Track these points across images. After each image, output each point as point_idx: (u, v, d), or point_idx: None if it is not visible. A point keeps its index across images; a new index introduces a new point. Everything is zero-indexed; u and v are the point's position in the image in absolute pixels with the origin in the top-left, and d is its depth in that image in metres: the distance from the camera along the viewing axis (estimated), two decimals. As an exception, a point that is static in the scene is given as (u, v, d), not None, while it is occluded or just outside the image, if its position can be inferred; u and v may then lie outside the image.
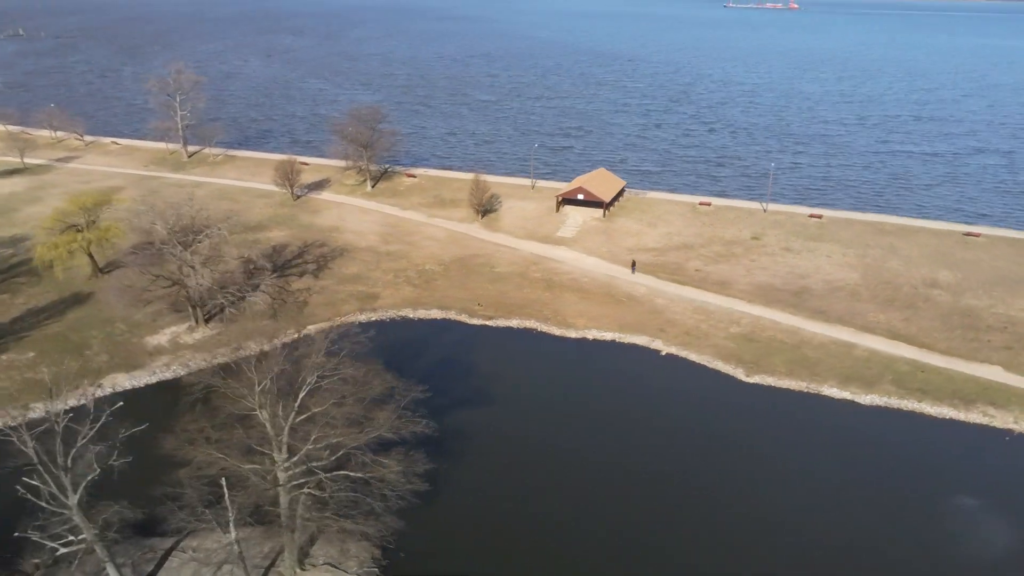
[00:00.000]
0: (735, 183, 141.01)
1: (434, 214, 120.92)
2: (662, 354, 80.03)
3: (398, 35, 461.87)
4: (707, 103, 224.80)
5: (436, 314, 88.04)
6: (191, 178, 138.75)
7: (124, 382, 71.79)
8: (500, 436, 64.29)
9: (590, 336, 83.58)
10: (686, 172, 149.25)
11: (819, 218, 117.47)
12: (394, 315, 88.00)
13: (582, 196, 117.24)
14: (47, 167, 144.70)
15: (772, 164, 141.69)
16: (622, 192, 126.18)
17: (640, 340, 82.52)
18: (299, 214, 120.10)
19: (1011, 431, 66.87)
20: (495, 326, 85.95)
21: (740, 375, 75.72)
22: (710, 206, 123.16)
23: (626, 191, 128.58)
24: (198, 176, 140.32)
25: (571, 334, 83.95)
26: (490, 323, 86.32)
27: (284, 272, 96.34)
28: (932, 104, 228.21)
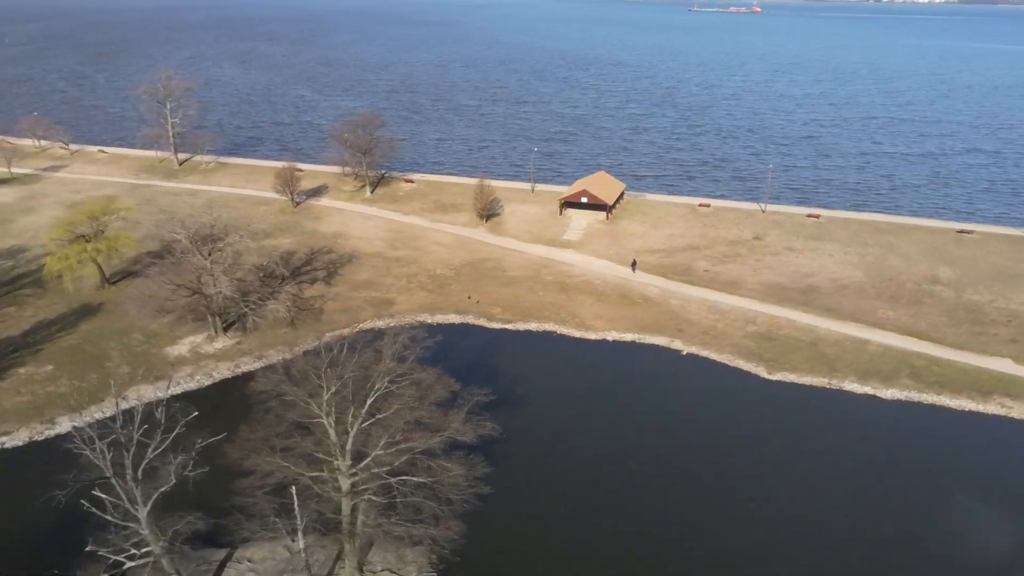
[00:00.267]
0: (729, 185, 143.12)
1: (437, 219, 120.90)
2: (683, 354, 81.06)
3: (373, 41, 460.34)
4: (690, 106, 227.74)
5: (454, 318, 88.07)
6: (185, 186, 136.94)
7: (149, 393, 70.48)
8: (541, 439, 64.55)
9: (610, 338, 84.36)
10: (679, 175, 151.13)
11: (817, 218, 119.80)
12: (411, 320, 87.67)
13: (586, 199, 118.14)
14: (34, 176, 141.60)
15: (770, 165, 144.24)
16: (622, 195, 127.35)
17: (660, 341, 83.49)
18: (301, 221, 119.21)
19: (1030, 421, 69.05)
20: (514, 329, 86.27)
21: (762, 372, 77.03)
22: (709, 207, 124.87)
23: (625, 194, 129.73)
24: (191, 184, 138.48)
25: (591, 336, 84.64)
26: (509, 326, 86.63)
27: (295, 280, 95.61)
28: (910, 106, 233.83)
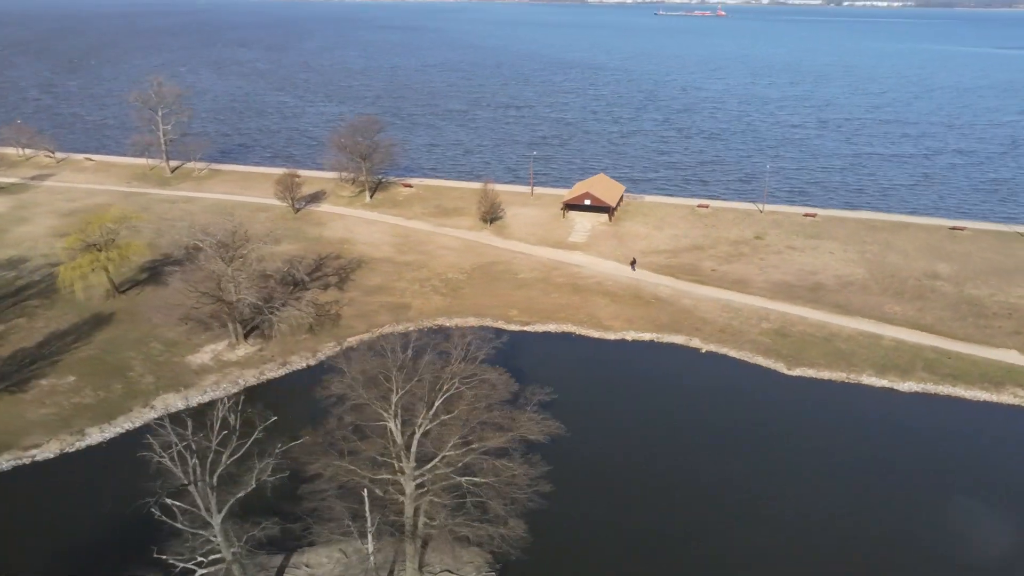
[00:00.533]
0: (723, 186, 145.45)
1: (440, 223, 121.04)
2: (702, 352, 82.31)
3: (347, 46, 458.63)
4: (673, 109, 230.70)
5: (472, 321, 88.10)
6: (180, 193, 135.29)
7: (176, 403, 69.91)
8: (583, 439, 64.43)
9: (628, 337, 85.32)
10: (673, 177, 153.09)
11: (814, 217, 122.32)
12: (429, 324, 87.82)
13: (589, 201, 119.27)
14: (22, 186, 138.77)
15: (767, 166, 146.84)
16: (622, 197, 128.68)
17: (678, 339, 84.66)
18: (304, 227, 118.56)
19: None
20: (533, 331, 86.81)
21: (782, 368, 78.54)
22: (708, 208, 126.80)
23: (624, 196, 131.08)
24: (186, 191, 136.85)
25: (610, 336, 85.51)
26: (527, 328, 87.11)
27: (307, 286, 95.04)
28: (887, 107, 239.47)
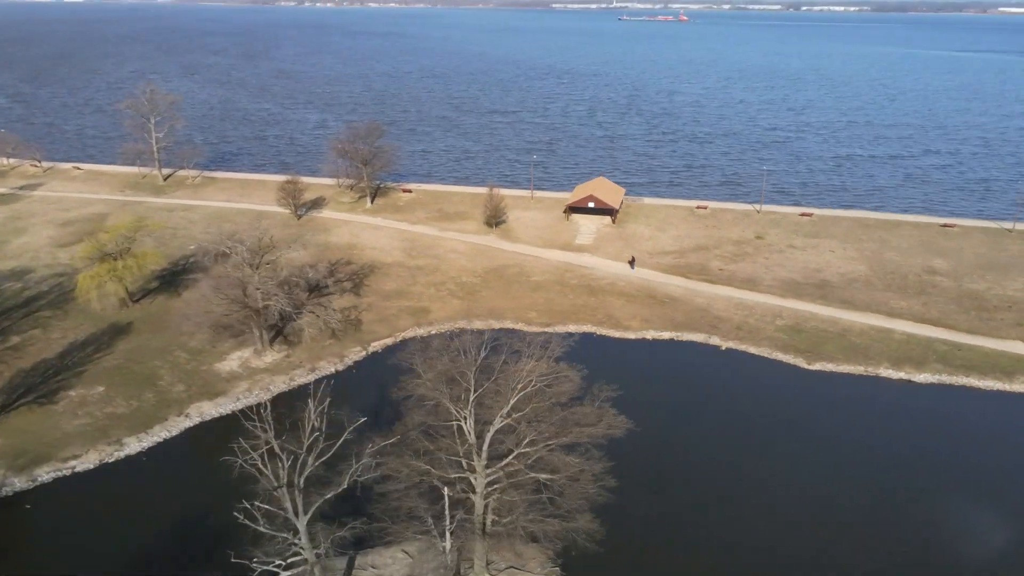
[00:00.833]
0: (714, 188, 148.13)
1: (445, 228, 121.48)
2: (722, 349, 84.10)
3: (321, 53, 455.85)
4: (656, 113, 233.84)
5: (492, 324, 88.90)
6: (177, 201, 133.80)
7: (211, 410, 69.54)
8: (632, 436, 64.56)
9: (648, 336, 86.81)
10: (665, 179, 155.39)
11: (810, 216, 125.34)
12: (451, 327, 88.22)
13: (593, 204, 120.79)
14: (12, 196, 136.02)
15: (764, 168, 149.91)
16: (622, 199, 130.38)
17: (697, 337, 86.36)
18: (309, 233, 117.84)
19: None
20: (553, 332, 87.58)
21: (802, 363, 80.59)
22: (707, 209, 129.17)
23: (624, 198, 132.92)
24: (182, 199, 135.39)
25: (630, 335, 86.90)
26: (548, 329, 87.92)
27: (324, 291, 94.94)
28: (863, 110, 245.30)
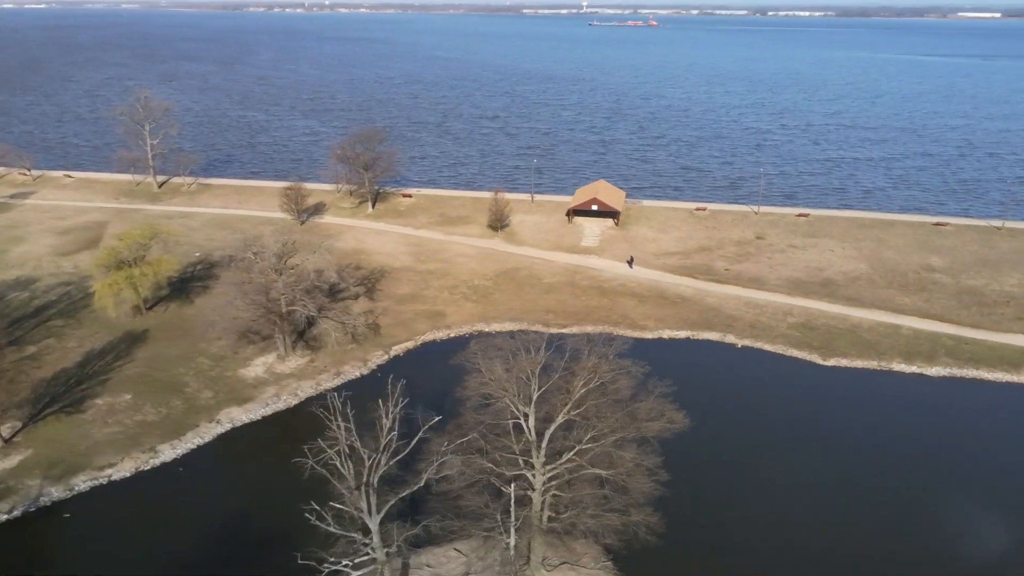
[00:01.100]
0: (709, 190, 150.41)
1: (449, 232, 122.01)
2: (738, 347, 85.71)
3: (299, 59, 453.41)
4: (641, 117, 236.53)
5: (510, 326, 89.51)
6: (175, 208, 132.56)
7: (241, 416, 69.30)
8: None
9: (665, 336, 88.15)
10: (659, 183, 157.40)
11: (807, 216, 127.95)
12: (469, 330, 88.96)
13: (596, 207, 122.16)
14: (5, 205, 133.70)
15: (761, 169, 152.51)
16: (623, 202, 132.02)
17: (712, 336, 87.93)
18: (313, 239, 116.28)
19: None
20: (571, 333, 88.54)
21: (817, 359, 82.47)
22: (706, 211, 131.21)
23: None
24: (180, 206, 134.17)
25: (647, 335, 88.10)
26: (565, 331, 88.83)
27: (338, 297, 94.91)
28: (844, 113, 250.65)
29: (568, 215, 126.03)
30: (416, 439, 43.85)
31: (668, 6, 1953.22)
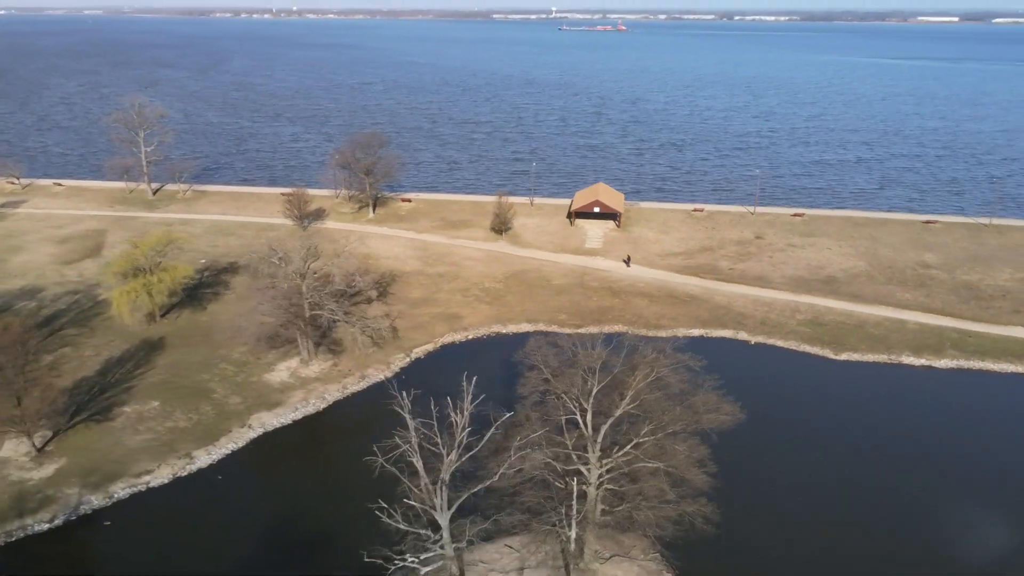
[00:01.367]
0: (704, 191, 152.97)
1: (453, 235, 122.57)
2: (752, 343, 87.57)
3: (274, 65, 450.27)
4: (626, 121, 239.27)
5: (527, 327, 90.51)
6: (172, 215, 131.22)
7: (272, 421, 69.28)
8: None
9: (680, 334, 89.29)
10: (655, 184, 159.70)
11: (802, 216, 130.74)
12: (487, 332, 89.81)
13: (598, 209, 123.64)
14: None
15: (756, 171, 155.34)
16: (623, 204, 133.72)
17: (726, 333, 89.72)
18: (318, 244, 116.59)
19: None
20: (587, 333, 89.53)
21: (829, 354, 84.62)
22: (704, 212, 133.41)
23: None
24: (177, 213, 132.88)
25: (662, 334, 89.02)
26: (581, 331, 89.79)
27: (352, 300, 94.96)
28: (824, 115, 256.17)
29: (569, 217, 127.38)
30: (488, 435, 44.59)
31: (636, 11, 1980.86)
